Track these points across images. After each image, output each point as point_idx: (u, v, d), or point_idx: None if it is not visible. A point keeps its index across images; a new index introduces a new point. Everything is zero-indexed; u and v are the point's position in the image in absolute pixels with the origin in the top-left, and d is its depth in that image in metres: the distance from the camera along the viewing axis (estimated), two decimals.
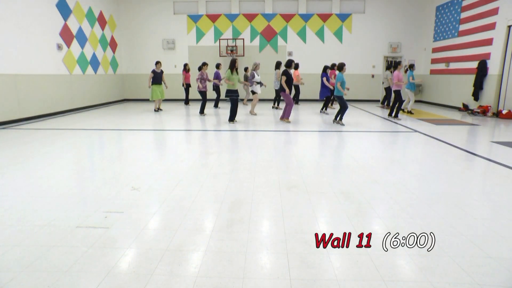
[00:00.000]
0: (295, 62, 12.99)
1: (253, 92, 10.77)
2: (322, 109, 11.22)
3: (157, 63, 10.99)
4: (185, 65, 12.66)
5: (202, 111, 10.41)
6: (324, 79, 10.78)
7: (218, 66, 11.48)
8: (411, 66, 10.56)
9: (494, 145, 6.43)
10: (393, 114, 9.84)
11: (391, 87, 12.54)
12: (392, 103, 9.88)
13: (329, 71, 11.32)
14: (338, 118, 8.69)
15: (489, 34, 10.59)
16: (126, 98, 15.70)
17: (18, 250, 2.57)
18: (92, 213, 3.25)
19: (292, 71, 12.59)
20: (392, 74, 12.56)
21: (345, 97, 8.42)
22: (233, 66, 8.57)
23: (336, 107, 12.69)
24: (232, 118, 8.86)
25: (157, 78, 10.86)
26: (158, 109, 11.40)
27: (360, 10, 14.84)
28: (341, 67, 8.41)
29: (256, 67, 10.61)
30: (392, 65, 12.23)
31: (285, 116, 8.99)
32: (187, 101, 13.41)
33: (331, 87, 10.76)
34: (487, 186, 4.13)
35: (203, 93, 10.72)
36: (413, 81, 10.38)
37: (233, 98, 8.67)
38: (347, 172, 4.67)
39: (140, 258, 2.48)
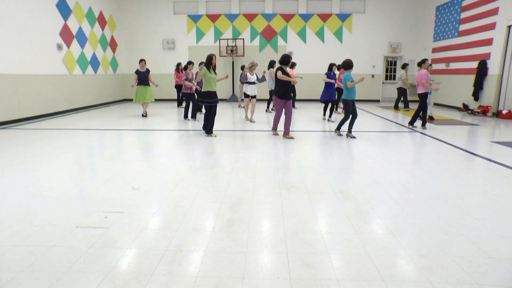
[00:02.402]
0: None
1: (245, 95, 9.18)
2: (325, 114, 9.81)
3: (141, 61, 9.97)
4: (178, 64, 11.94)
5: (186, 115, 9.59)
6: (336, 79, 9.15)
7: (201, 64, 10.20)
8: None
9: (494, 145, 6.43)
10: (413, 122, 8.24)
11: (405, 87, 11.79)
12: (417, 109, 8.07)
13: (335, 69, 9.54)
14: (348, 130, 7.06)
15: (489, 34, 10.59)
16: (126, 98, 15.69)
17: (18, 250, 2.57)
18: (92, 213, 3.25)
19: (288, 69, 11.98)
20: (407, 73, 11.46)
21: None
22: (209, 64, 7.10)
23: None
24: (207, 127, 7.16)
25: (141, 78, 9.83)
26: (145, 114, 10.26)
27: (360, 10, 14.85)
28: (349, 64, 6.85)
29: (252, 66, 8.98)
30: (406, 63, 11.63)
31: (284, 132, 7.00)
32: (180, 103, 12.75)
33: (339, 85, 9.41)
34: (487, 186, 4.13)
35: (187, 95, 9.61)
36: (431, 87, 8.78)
37: (211, 104, 7.10)
38: (347, 172, 4.67)
39: (140, 258, 2.48)
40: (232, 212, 3.28)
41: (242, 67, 12.05)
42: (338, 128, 7.31)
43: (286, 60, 6.96)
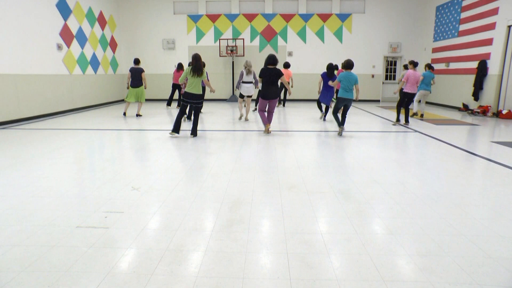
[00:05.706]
0: (285, 61, 11.98)
1: (241, 95, 9.31)
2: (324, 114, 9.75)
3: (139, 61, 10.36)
4: (180, 64, 11.60)
5: (189, 116, 9.18)
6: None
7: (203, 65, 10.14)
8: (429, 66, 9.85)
9: (494, 145, 6.43)
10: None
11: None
12: (408, 107, 8.69)
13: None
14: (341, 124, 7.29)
15: (489, 34, 10.59)
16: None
17: (18, 250, 2.57)
18: (92, 213, 3.25)
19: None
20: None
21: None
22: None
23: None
24: (177, 128, 7.03)
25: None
26: (125, 114, 10.25)
27: (360, 10, 14.84)
28: (351, 64, 7.12)
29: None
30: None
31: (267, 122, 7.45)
32: (169, 102, 12.37)
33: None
34: (487, 186, 4.13)
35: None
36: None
37: (196, 106, 7.03)
38: (347, 172, 4.67)
39: (140, 258, 2.48)
40: (232, 212, 3.28)
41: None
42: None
43: (272, 60, 7.15)
